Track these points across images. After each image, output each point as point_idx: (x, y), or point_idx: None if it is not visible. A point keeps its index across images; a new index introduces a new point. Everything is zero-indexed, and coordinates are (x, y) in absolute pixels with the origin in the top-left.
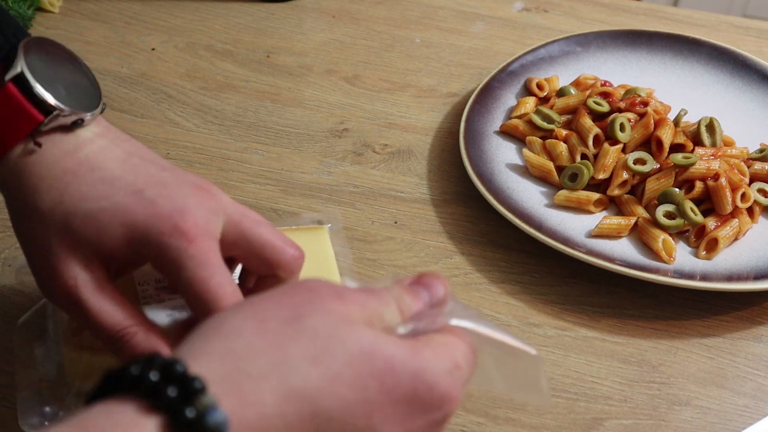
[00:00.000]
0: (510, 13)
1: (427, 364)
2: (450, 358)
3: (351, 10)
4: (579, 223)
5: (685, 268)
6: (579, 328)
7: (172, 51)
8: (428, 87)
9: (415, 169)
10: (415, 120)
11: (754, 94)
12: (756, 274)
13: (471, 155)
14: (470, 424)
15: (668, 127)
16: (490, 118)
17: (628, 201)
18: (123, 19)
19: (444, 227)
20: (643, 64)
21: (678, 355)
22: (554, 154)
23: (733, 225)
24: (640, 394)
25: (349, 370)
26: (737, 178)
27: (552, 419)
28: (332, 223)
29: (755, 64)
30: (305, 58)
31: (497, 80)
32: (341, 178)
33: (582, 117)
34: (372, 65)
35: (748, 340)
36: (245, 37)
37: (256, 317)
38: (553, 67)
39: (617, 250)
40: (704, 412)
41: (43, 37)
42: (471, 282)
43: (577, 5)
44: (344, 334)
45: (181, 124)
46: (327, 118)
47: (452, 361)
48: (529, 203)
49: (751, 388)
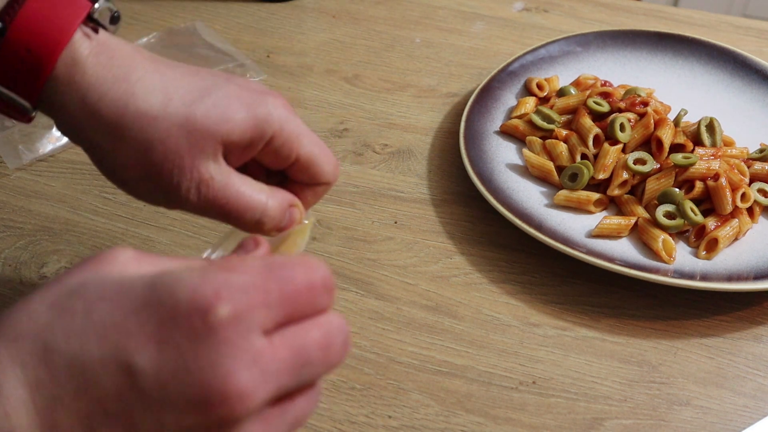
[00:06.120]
0: (510, 13)
1: (171, 273)
2: (219, 265)
3: (351, 10)
4: (579, 223)
5: (685, 268)
6: (579, 328)
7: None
8: (428, 87)
9: (415, 169)
10: (415, 120)
11: (754, 94)
12: (756, 274)
13: (471, 155)
14: (470, 424)
15: (668, 127)
16: (490, 118)
17: (628, 201)
18: (123, 19)
19: (444, 227)
20: (643, 64)
21: (678, 355)
22: (554, 154)
23: (733, 225)
24: (640, 394)
25: (78, 301)
26: (737, 178)
27: (552, 419)
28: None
29: (755, 64)
30: (305, 58)
31: (497, 80)
32: (341, 178)
33: (582, 117)
34: (372, 65)
35: (748, 340)
36: (245, 37)
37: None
38: (553, 67)
39: (617, 250)
40: (704, 412)
41: None
42: (471, 282)
43: (577, 5)
44: (93, 278)
45: None
46: (327, 118)
47: (220, 267)
48: (529, 203)
49: (751, 388)
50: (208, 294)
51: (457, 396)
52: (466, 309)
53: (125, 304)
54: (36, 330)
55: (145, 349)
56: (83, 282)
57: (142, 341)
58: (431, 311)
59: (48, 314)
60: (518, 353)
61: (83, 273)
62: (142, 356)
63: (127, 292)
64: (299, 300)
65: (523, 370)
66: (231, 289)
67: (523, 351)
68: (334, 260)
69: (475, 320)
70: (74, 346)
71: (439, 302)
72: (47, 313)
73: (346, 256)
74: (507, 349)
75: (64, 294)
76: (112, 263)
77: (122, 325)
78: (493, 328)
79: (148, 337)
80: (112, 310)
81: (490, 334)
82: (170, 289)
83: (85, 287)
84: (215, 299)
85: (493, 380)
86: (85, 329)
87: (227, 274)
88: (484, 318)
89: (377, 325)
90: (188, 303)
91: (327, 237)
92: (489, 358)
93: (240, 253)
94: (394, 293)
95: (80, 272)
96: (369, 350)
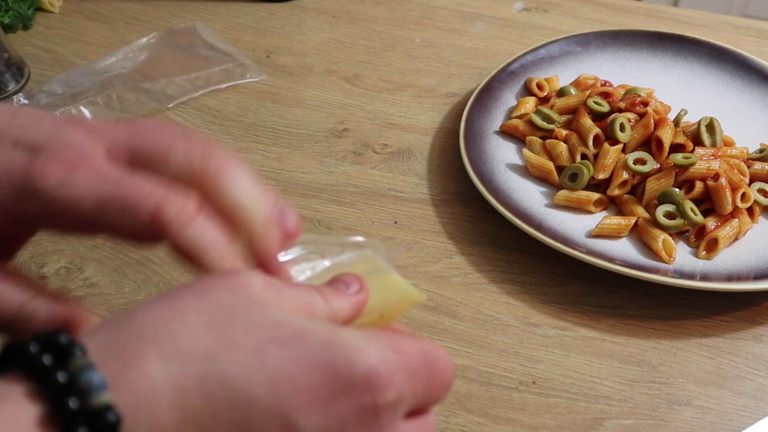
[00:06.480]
0: (510, 13)
1: (348, 337)
2: (387, 342)
3: (351, 10)
4: (579, 223)
5: (685, 268)
6: (579, 328)
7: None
8: (428, 87)
9: (415, 169)
10: (415, 120)
11: (754, 94)
12: (756, 274)
13: (471, 155)
14: (470, 424)
15: (668, 127)
16: (490, 118)
17: (628, 201)
18: (123, 19)
19: (444, 227)
20: (643, 64)
21: (678, 355)
22: (554, 154)
23: (733, 225)
24: (640, 394)
25: (248, 336)
26: (737, 178)
27: (552, 419)
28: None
29: (755, 64)
30: (305, 58)
31: (497, 80)
32: (341, 178)
33: (582, 117)
34: (372, 65)
35: (748, 340)
36: (245, 37)
37: (165, 293)
38: (553, 67)
39: (617, 250)
40: (704, 412)
41: None
42: (471, 282)
43: (577, 5)
44: (251, 307)
45: (181, 124)
46: (327, 118)
47: (389, 345)
48: (529, 203)
49: (751, 388)
50: (383, 376)
51: (457, 396)
52: (466, 309)
53: (301, 361)
54: (198, 355)
55: (312, 412)
56: (234, 307)
57: (311, 404)
58: (431, 311)
59: (210, 340)
60: (518, 353)
61: (224, 293)
62: (308, 419)
63: (303, 346)
64: (435, 395)
65: (523, 370)
66: (400, 374)
67: (523, 351)
68: None
69: (475, 320)
70: (243, 385)
71: (439, 302)
72: (208, 338)
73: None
74: (507, 349)
75: (220, 318)
76: (249, 288)
77: (296, 381)
78: (493, 328)
79: (318, 402)
80: (288, 363)
81: (490, 334)
82: (350, 359)
83: (241, 314)
84: (388, 384)
85: (493, 380)
86: (256, 372)
87: (398, 357)
88: (484, 318)
89: None
90: (364, 380)
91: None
92: (489, 358)
93: (339, 287)
94: None
95: (220, 290)
96: None
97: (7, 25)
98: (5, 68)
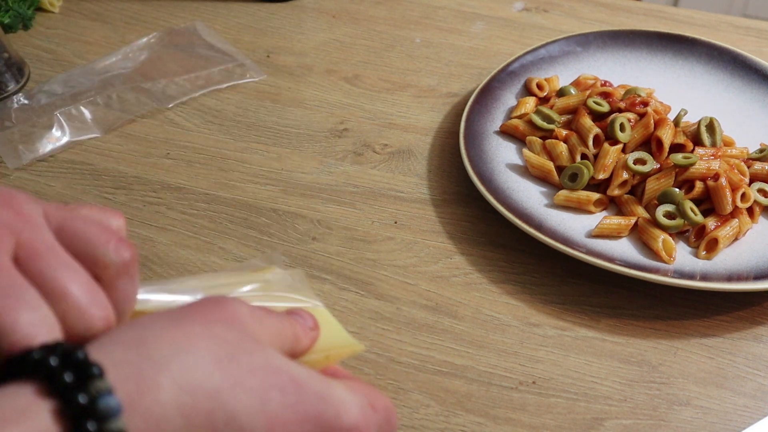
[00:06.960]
0: (510, 13)
1: (337, 391)
2: (366, 396)
3: (351, 10)
4: (579, 223)
5: (685, 268)
6: (579, 328)
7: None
8: (428, 87)
9: (415, 169)
10: (415, 120)
11: (754, 94)
12: (756, 274)
13: (471, 155)
14: (470, 424)
15: (668, 127)
16: (490, 118)
17: (628, 201)
18: (123, 19)
19: (444, 227)
20: (643, 64)
21: (678, 355)
22: (554, 154)
23: (733, 225)
24: (640, 394)
25: (252, 378)
26: (737, 178)
27: (552, 419)
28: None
29: (755, 64)
30: (305, 58)
31: (497, 80)
32: (341, 178)
33: (582, 117)
34: (372, 65)
35: (748, 340)
36: (245, 37)
37: (170, 314)
38: (553, 67)
39: (617, 250)
40: (704, 412)
41: None
42: (471, 282)
43: (577, 5)
44: (252, 347)
45: (181, 124)
46: (327, 118)
47: (367, 400)
48: (529, 203)
49: (751, 388)
50: (362, 427)
51: (457, 396)
52: (466, 309)
53: (297, 408)
54: (207, 390)
55: None
56: (238, 346)
57: None
58: (431, 311)
59: (217, 376)
60: (518, 353)
61: (226, 328)
62: None
63: (300, 395)
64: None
65: (523, 370)
66: (373, 428)
67: (523, 351)
68: (334, 260)
69: (475, 320)
70: (245, 422)
71: (439, 302)
72: (216, 374)
73: (346, 256)
74: (507, 349)
75: (226, 354)
76: (241, 322)
77: (290, 427)
78: (493, 328)
79: None
80: (285, 409)
81: (490, 334)
82: (338, 414)
83: (245, 356)
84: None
85: (493, 380)
86: (257, 413)
87: (373, 414)
88: (484, 318)
89: (377, 325)
90: (348, 430)
91: (327, 237)
92: (489, 358)
93: (298, 321)
94: (394, 293)
95: (222, 324)
96: (369, 350)
97: (7, 25)
98: (5, 68)
